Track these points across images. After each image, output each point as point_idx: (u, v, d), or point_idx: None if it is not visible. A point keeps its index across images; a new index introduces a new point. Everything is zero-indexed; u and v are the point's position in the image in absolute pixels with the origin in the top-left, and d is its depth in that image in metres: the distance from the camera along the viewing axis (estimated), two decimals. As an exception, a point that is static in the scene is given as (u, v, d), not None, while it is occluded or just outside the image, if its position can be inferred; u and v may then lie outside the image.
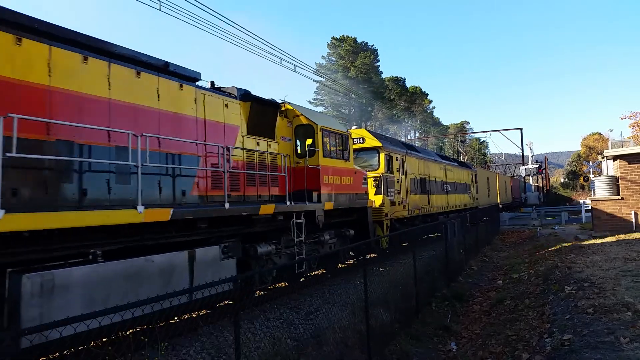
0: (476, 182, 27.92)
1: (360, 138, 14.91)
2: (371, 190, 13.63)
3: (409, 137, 77.56)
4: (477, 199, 27.34)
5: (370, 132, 15.82)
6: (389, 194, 14.38)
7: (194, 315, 7.19)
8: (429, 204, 18.45)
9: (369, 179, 13.47)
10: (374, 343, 5.88)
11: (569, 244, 14.60)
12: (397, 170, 15.52)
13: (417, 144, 58.97)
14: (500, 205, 31.79)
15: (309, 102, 64.48)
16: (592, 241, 14.54)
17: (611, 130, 44.47)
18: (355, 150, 14.06)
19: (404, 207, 15.66)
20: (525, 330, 6.92)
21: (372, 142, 14.93)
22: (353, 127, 16.39)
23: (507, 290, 10.31)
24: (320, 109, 61.53)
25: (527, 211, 34.38)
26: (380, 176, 14.15)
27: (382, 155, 14.63)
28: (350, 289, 7.90)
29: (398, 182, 15.40)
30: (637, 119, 47.50)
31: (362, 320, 5.97)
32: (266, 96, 9.55)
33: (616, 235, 14.96)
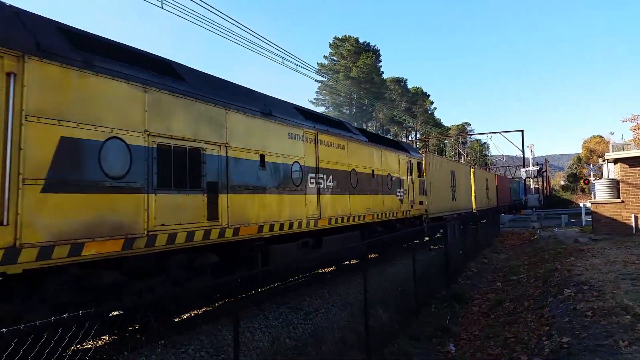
0: (420, 175, 17.67)
1: None
2: None
3: (410, 138, 77.58)
4: (422, 202, 17.34)
5: None
6: None
7: (192, 314, 7.19)
8: (218, 218, 7.05)
9: None
10: (373, 343, 5.90)
11: (568, 246, 14.60)
12: None
13: (418, 145, 58.52)
14: (477, 213, 23.91)
15: (311, 102, 64.54)
16: (592, 244, 14.53)
17: (612, 133, 44.68)
18: None
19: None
20: (523, 333, 6.92)
21: None
22: None
23: (506, 292, 10.31)
24: (321, 109, 61.56)
25: (527, 213, 34.52)
26: None
27: None
28: (350, 289, 7.90)
29: None
30: (639, 122, 47.59)
31: (362, 320, 5.98)
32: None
33: (616, 239, 14.95)
